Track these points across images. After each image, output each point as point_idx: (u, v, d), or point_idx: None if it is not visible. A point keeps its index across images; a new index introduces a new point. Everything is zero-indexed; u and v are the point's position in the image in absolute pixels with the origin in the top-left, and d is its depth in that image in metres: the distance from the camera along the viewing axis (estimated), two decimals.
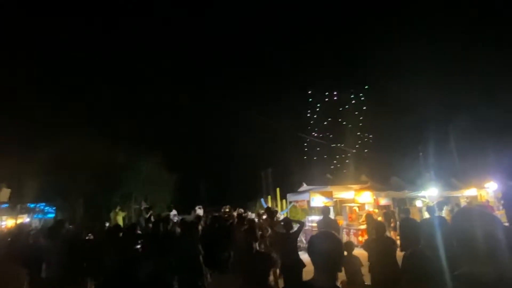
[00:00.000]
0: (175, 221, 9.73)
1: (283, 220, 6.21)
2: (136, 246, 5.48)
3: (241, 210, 11.84)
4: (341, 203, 15.17)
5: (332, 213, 10.99)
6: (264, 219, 7.70)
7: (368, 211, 13.10)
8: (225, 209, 11.85)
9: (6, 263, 1.72)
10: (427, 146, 22.56)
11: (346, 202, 14.36)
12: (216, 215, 7.87)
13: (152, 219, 9.17)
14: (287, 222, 5.84)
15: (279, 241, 5.67)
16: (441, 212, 12.66)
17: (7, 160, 17.03)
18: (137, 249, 5.44)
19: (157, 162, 20.51)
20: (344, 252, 4.99)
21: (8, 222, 14.16)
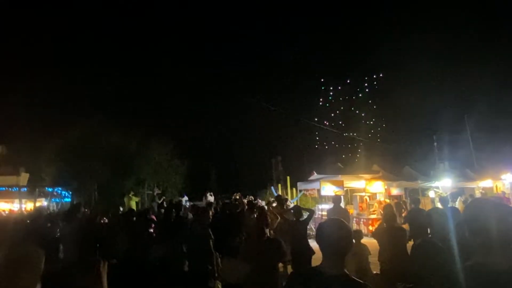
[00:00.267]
0: (187, 207, 9.93)
1: (293, 208, 6.25)
2: (149, 231, 5.62)
3: (251, 198, 11.97)
4: (352, 193, 15.11)
5: (343, 202, 10.95)
6: (274, 207, 7.76)
7: (380, 201, 13.03)
8: (236, 196, 12.00)
9: (26, 243, 1.80)
10: (442, 136, 22.05)
11: (357, 192, 14.29)
12: (227, 202, 7.99)
13: (165, 205, 9.39)
14: (297, 210, 5.88)
15: (289, 229, 5.72)
16: (455, 203, 12.49)
17: (26, 146, 17.58)
18: (150, 234, 5.59)
19: (169, 149, 20.78)
20: (353, 240, 5.01)
21: (28, 205, 14.73)
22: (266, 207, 8.03)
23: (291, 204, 9.69)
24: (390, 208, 5.35)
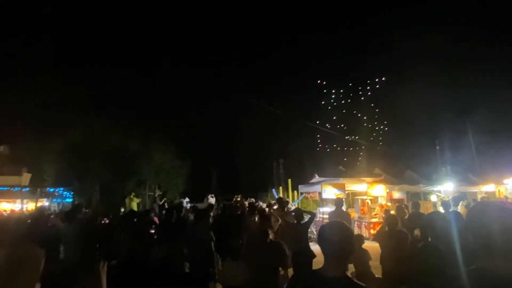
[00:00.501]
0: (188, 208, 9.92)
1: (295, 211, 6.23)
2: (150, 232, 5.62)
3: (252, 200, 11.95)
4: (353, 196, 15.06)
5: (344, 206, 10.92)
6: (275, 209, 7.74)
7: (382, 204, 12.97)
8: (236, 198, 11.99)
9: (26, 243, 1.80)
10: (444, 140, 21.98)
11: (359, 195, 14.24)
12: (228, 204, 7.97)
13: (166, 206, 9.39)
14: (299, 213, 5.86)
15: (290, 231, 5.70)
16: (457, 208, 12.42)
17: (28, 146, 17.66)
18: (151, 235, 5.58)
19: (171, 151, 20.82)
20: (354, 243, 4.98)
21: (29, 205, 14.76)
22: (267, 210, 8.01)
23: (292, 207, 9.66)
24: (392, 212, 5.33)
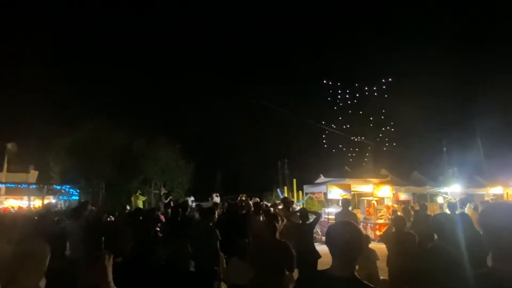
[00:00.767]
0: (193, 207, 9.94)
1: (300, 211, 6.19)
2: (155, 230, 5.63)
3: (257, 199, 11.93)
4: (359, 197, 14.96)
5: (350, 206, 10.84)
6: (280, 209, 7.71)
7: (388, 206, 12.87)
8: (241, 197, 11.97)
9: (32, 239, 1.81)
10: (451, 141, 21.74)
11: (364, 196, 14.14)
12: (233, 203, 7.96)
13: (172, 204, 9.42)
14: (304, 213, 5.82)
15: (295, 231, 5.66)
16: (464, 210, 12.27)
17: (36, 144, 17.87)
18: (156, 233, 5.59)
19: (176, 150, 20.91)
20: (363, 243, 4.94)
21: (36, 202, 14.92)
22: (272, 209, 7.98)
23: (297, 207, 9.61)
24: (400, 214, 5.29)
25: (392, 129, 32.44)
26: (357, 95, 34.46)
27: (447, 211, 7.84)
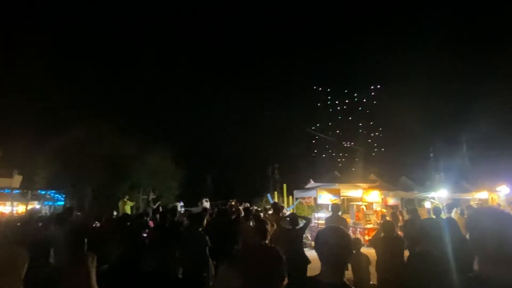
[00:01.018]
0: (182, 212, 9.81)
1: (290, 216, 6.18)
2: (143, 236, 5.53)
3: (247, 204, 11.88)
4: (349, 202, 15.05)
5: (340, 211, 10.89)
6: (270, 214, 7.68)
7: (376, 210, 12.98)
8: (231, 203, 11.90)
9: (9, 245, 1.74)
10: (438, 147, 22.19)
11: (354, 201, 14.24)
12: (223, 208, 7.89)
13: (160, 210, 9.28)
14: (293, 218, 5.81)
15: (284, 237, 5.64)
16: (451, 214, 12.48)
17: (20, 148, 17.40)
18: (144, 239, 5.49)
19: (165, 154, 20.69)
20: (353, 249, 4.94)
21: (19, 208, 14.50)
22: (262, 214, 7.95)
23: (287, 212, 9.61)
24: (388, 218, 5.32)
25: (381, 135, 32.97)
26: (347, 101, 34.98)
27: (433, 216, 7.94)
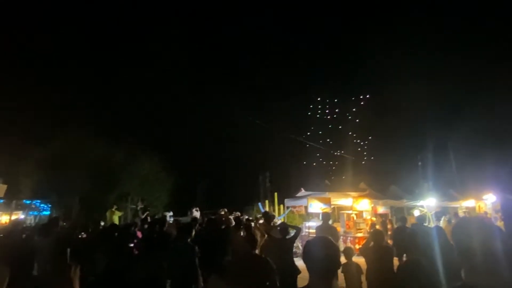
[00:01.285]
0: (170, 222, 9.67)
1: (280, 225, 6.15)
2: (130, 247, 5.41)
3: (238, 214, 11.78)
4: (339, 210, 15.10)
5: (331, 220, 10.90)
6: (261, 224, 7.64)
7: (366, 219, 13.04)
8: (220, 212, 11.77)
9: None
10: (426, 156, 22.58)
11: (344, 209, 14.29)
12: (213, 218, 7.80)
13: (148, 220, 9.12)
14: (284, 227, 5.78)
15: (275, 246, 5.60)
16: (439, 222, 12.65)
17: (4, 156, 16.94)
18: (131, 250, 5.38)
19: (155, 163, 20.44)
20: (343, 259, 4.93)
21: (3, 218, 14.06)
22: (253, 224, 7.90)
23: (278, 221, 9.56)
24: (378, 227, 5.34)
25: (370, 144, 33.40)
26: (337, 110, 35.42)
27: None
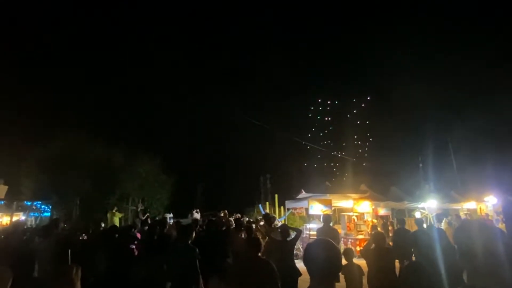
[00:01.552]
0: (171, 224, 9.66)
1: (281, 227, 6.12)
2: (131, 248, 5.41)
3: (238, 215, 11.77)
4: (340, 212, 15.06)
5: (331, 222, 10.87)
6: (262, 225, 7.62)
7: (367, 221, 13.00)
8: (220, 214, 11.76)
9: None
10: (427, 158, 22.55)
11: (345, 211, 14.26)
12: (213, 220, 7.79)
13: (149, 221, 9.11)
14: (285, 229, 5.75)
15: (275, 248, 5.58)
16: (440, 224, 12.59)
17: (5, 157, 16.97)
18: (131, 251, 5.37)
19: (155, 165, 20.43)
20: (343, 260, 4.91)
21: (3, 219, 14.07)
22: (254, 226, 7.87)
23: (279, 223, 9.55)
24: (379, 229, 5.31)
25: (372, 146, 33.37)
26: (337, 112, 35.42)
27: (425, 226, 7.98)
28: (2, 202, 14.77)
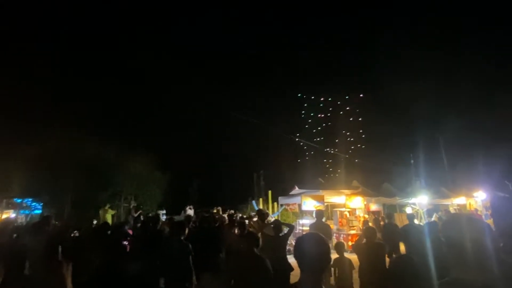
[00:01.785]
0: (163, 220, 9.64)
1: (273, 223, 6.16)
2: (123, 245, 5.38)
3: (232, 212, 11.79)
4: (332, 208, 15.20)
5: (324, 217, 10.98)
6: (255, 221, 7.65)
7: (358, 216, 13.15)
8: (215, 210, 11.78)
9: None
10: (418, 155, 22.88)
11: (337, 207, 14.39)
12: (206, 216, 7.78)
13: (142, 218, 9.07)
14: (277, 225, 5.79)
15: (268, 244, 5.61)
16: (431, 219, 12.82)
17: None
18: (124, 248, 5.35)
19: (148, 161, 20.31)
20: (335, 254, 4.96)
21: None
22: (247, 221, 7.90)
23: (272, 219, 9.60)
24: (370, 224, 5.39)
25: (364, 142, 33.68)
26: (330, 109, 35.64)
27: (416, 221, 8.13)
28: None
